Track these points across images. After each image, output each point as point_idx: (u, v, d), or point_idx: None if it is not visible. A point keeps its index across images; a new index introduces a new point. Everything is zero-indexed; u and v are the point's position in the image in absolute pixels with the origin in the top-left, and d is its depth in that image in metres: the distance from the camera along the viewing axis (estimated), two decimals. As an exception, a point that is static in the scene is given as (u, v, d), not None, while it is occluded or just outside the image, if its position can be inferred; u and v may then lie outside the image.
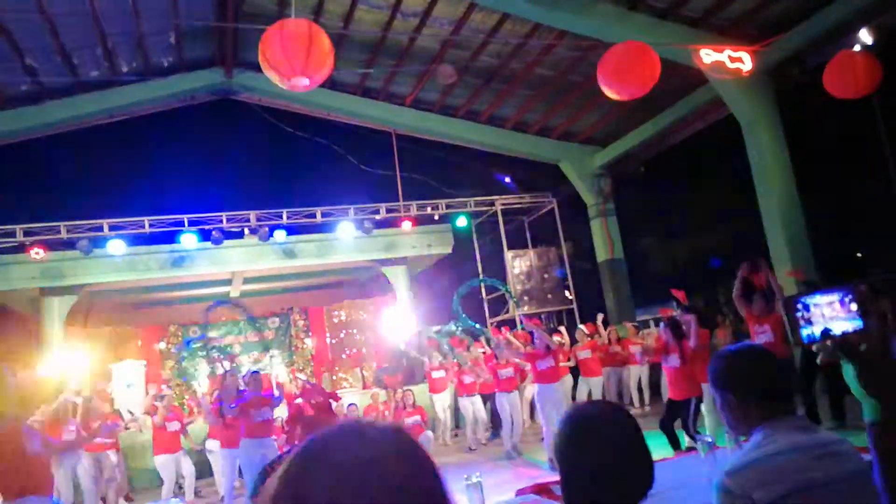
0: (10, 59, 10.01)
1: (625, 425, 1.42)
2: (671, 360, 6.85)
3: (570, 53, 11.06)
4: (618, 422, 1.43)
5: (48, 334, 12.43)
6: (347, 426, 0.78)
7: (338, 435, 0.76)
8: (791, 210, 9.91)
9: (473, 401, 9.58)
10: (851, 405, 7.09)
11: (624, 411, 1.48)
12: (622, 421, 1.43)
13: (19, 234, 11.69)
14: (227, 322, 16.06)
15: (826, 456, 1.50)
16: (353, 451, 0.73)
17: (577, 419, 1.45)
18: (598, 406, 1.52)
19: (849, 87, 7.45)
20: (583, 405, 1.54)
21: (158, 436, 8.36)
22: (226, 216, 12.77)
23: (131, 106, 12.16)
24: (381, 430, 0.77)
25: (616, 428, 1.41)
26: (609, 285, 14.33)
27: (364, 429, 0.77)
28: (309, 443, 0.76)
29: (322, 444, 0.75)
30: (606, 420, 1.43)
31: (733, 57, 9.33)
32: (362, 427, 0.77)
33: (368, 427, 0.77)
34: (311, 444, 0.76)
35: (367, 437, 0.75)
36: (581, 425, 1.44)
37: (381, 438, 0.75)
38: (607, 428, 1.41)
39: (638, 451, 1.40)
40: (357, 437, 0.75)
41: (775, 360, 1.72)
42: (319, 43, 5.39)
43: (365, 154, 14.10)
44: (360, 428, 0.77)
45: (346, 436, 0.76)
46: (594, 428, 1.42)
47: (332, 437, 0.76)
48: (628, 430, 1.42)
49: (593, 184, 14.49)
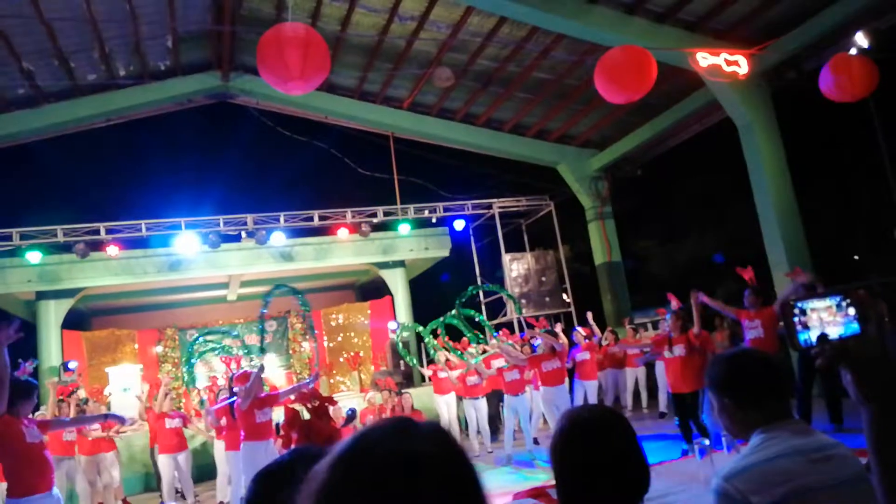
0: (8, 62, 10.01)
1: (620, 429, 1.43)
2: (676, 351, 6.87)
3: (567, 57, 11.08)
4: (613, 425, 1.43)
5: (44, 338, 12.39)
6: (393, 422, 0.78)
7: (383, 430, 0.76)
8: (788, 213, 9.93)
9: (477, 405, 9.45)
10: (849, 408, 7.10)
11: (619, 415, 1.48)
12: (617, 425, 1.43)
13: (16, 237, 11.66)
14: (225, 325, 16.03)
15: (824, 460, 1.50)
16: (400, 447, 0.73)
17: (573, 423, 1.45)
18: (594, 410, 1.53)
19: (845, 91, 7.48)
20: (578, 409, 1.54)
21: (160, 433, 8.30)
22: (223, 219, 12.76)
23: (128, 109, 12.16)
24: (426, 426, 0.77)
25: (611, 432, 1.42)
26: (607, 288, 14.34)
27: (409, 425, 0.77)
28: (355, 439, 0.76)
29: (367, 440, 0.75)
30: (602, 424, 1.43)
31: (730, 60, 9.37)
32: (408, 423, 0.77)
33: (413, 423, 0.78)
34: (357, 440, 0.76)
35: (414, 433, 0.75)
36: (577, 429, 1.44)
37: (426, 434, 0.75)
38: (602, 432, 1.41)
39: (633, 454, 1.40)
40: (403, 433, 0.75)
41: (772, 363, 1.72)
42: (316, 47, 5.40)
43: (362, 157, 14.13)
44: (406, 424, 0.77)
45: (392, 431, 0.76)
46: (590, 431, 1.42)
47: (377, 433, 0.76)
48: (623, 433, 1.42)
49: (591, 187, 14.51)
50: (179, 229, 12.42)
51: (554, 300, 14.83)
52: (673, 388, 6.98)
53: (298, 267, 13.90)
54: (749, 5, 9.43)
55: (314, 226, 13.46)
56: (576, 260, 17.26)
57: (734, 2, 9.32)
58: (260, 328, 10.05)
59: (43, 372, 11.85)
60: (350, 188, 15.22)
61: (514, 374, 8.48)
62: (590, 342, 10.18)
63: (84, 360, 13.76)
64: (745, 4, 9.40)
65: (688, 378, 6.72)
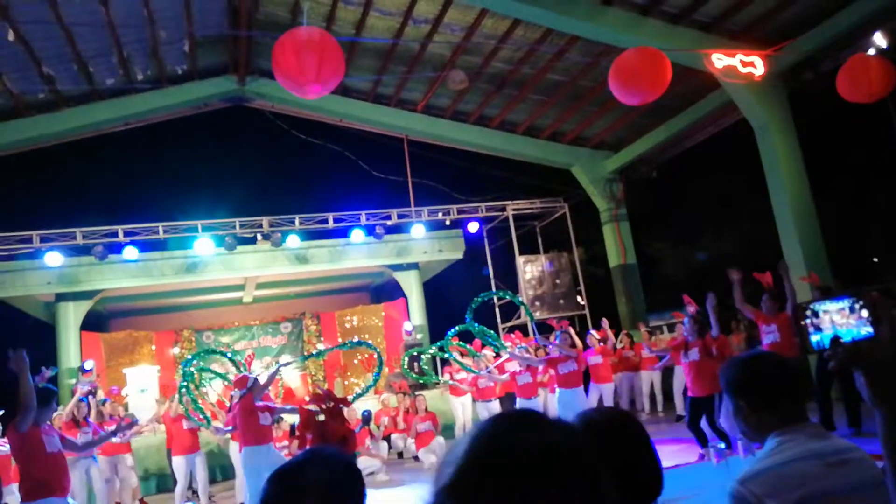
0: (29, 67, 10.17)
1: (632, 431, 1.42)
2: (691, 355, 6.84)
3: (581, 59, 11.06)
4: (625, 428, 1.42)
5: (63, 339, 12.56)
6: (523, 413, 0.79)
7: (513, 423, 0.77)
8: (805, 214, 9.83)
9: (491, 408, 9.44)
10: (867, 412, 7.01)
11: (632, 417, 1.48)
12: (630, 427, 1.43)
13: (36, 239, 11.84)
14: (241, 327, 16.17)
15: (841, 464, 1.49)
16: (537, 437, 0.74)
17: (584, 425, 1.45)
18: (606, 412, 1.52)
19: (863, 91, 7.40)
20: (590, 411, 1.53)
21: (175, 435, 8.38)
22: (239, 222, 12.86)
23: (146, 113, 12.30)
24: (551, 417, 0.79)
25: (623, 434, 1.41)
26: (621, 290, 14.26)
27: (537, 416, 0.78)
28: (484, 433, 0.76)
29: (498, 434, 0.75)
30: (614, 426, 1.43)
31: (745, 61, 9.31)
32: (535, 415, 0.78)
33: (540, 414, 0.79)
34: (486, 434, 0.76)
35: (547, 425, 0.76)
36: (588, 431, 1.43)
37: (559, 426, 0.76)
38: (614, 433, 1.41)
39: (646, 457, 1.40)
40: (537, 424, 0.76)
41: (788, 366, 1.71)
42: (331, 51, 5.44)
43: (376, 160, 14.18)
44: (534, 416, 0.78)
45: (523, 424, 0.76)
46: (601, 434, 1.42)
47: (507, 426, 0.76)
48: (636, 436, 1.41)
49: (605, 188, 14.46)
50: (196, 232, 12.54)
51: (568, 302, 14.78)
52: (691, 392, 6.93)
53: (313, 269, 13.98)
54: (765, 6, 9.35)
55: (329, 228, 13.53)
56: (590, 262, 17.18)
57: (749, 2, 9.25)
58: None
59: (62, 372, 12.02)
60: (364, 191, 15.30)
61: (527, 378, 8.48)
62: (604, 346, 10.15)
63: (102, 362, 13.93)
64: (761, 5, 9.33)
65: (703, 382, 6.68)
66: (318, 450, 1.37)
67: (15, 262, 12.19)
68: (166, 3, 9.90)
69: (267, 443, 6.55)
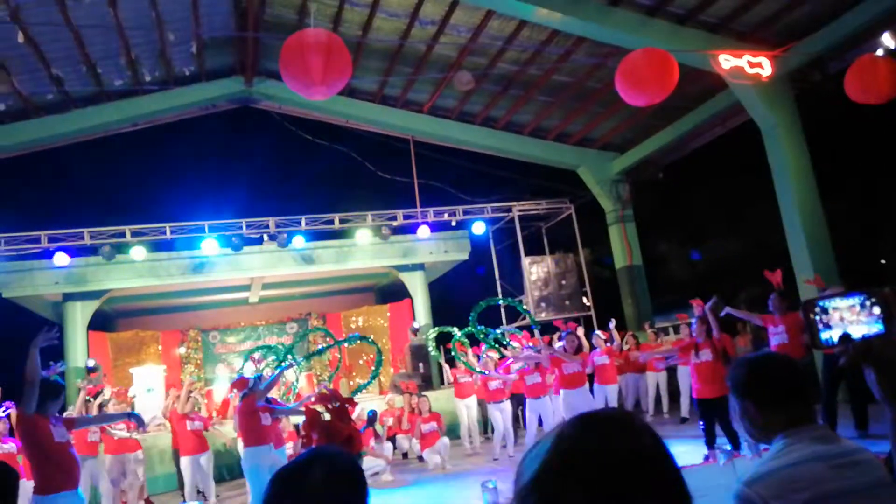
0: (38, 69, 10.23)
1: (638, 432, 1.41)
2: (703, 356, 6.83)
3: (588, 60, 11.05)
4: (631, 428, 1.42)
5: (71, 339, 12.62)
6: (610, 414, 0.81)
7: (605, 425, 0.78)
8: (813, 216, 9.78)
9: (502, 408, 9.40)
10: (875, 414, 6.97)
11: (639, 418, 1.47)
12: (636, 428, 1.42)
13: (44, 240, 11.91)
14: (247, 327, 16.22)
15: (847, 465, 1.49)
16: (624, 444, 0.75)
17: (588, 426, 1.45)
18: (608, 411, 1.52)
19: (871, 93, 7.36)
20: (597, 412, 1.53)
21: (182, 436, 8.40)
22: (245, 222, 12.90)
23: (154, 114, 12.36)
24: (637, 419, 0.81)
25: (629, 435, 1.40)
26: (627, 292, 14.23)
27: (627, 418, 0.81)
28: (572, 434, 0.77)
29: (588, 435, 0.77)
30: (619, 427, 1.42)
31: (752, 62, 9.28)
32: (625, 417, 0.81)
33: (630, 416, 0.82)
34: (576, 434, 0.77)
35: (634, 429, 0.78)
36: None
37: (642, 429, 0.79)
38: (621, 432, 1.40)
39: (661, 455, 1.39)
40: (624, 427, 0.78)
41: (795, 367, 1.70)
42: (338, 52, 5.45)
43: (383, 161, 14.20)
44: (624, 418, 0.81)
45: (614, 426, 0.78)
46: None
47: (599, 428, 0.78)
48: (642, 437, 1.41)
49: (611, 190, 14.43)
50: (203, 232, 12.59)
51: (574, 303, 14.75)
52: (699, 394, 6.92)
53: (319, 269, 14.00)
54: (772, 7, 9.32)
55: (335, 229, 13.55)
56: (596, 263, 17.15)
57: (757, 3, 9.22)
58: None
59: (69, 371, 12.07)
60: (370, 191, 15.32)
61: (536, 378, 8.45)
62: (609, 347, 10.13)
63: (109, 361, 14.00)
64: (768, 6, 9.30)
65: (715, 383, 6.66)
66: (320, 449, 1.36)
67: (23, 262, 12.26)
68: (174, 6, 9.95)
69: (268, 443, 6.57)
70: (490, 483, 3.12)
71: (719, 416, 6.68)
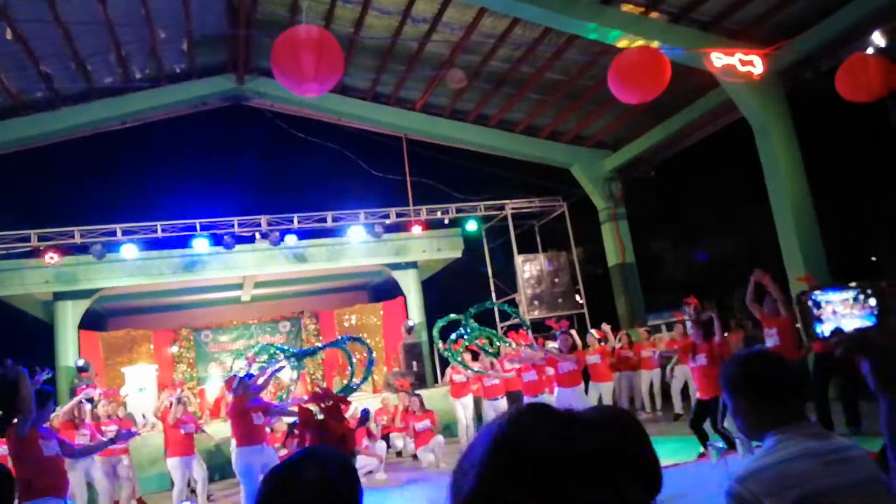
0: (27, 66, 10.14)
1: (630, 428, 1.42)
2: (699, 359, 6.89)
3: (580, 58, 11.06)
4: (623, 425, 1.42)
5: (62, 338, 12.54)
6: (535, 412, 0.81)
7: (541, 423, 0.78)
8: (804, 214, 9.83)
9: (497, 406, 9.39)
10: (866, 412, 7.01)
11: (629, 415, 1.47)
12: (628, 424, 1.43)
13: (34, 238, 11.82)
14: (239, 326, 16.16)
15: (839, 462, 1.49)
16: (558, 440, 0.75)
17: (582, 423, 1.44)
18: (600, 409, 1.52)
19: (862, 90, 7.41)
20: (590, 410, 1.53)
21: (172, 437, 8.37)
22: (237, 221, 12.85)
23: (144, 112, 12.28)
24: (567, 413, 0.81)
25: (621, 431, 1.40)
26: (620, 290, 14.26)
27: (553, 414, 0.81)
28: (512, 428, 0.76)
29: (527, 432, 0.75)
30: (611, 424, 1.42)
31: (744, 60, 9.30)
32: (550, 412, 0.81)
33: (554, 412, 0.81)
34: (514, 429, 0.76)
35: (564, 423, 0.78)
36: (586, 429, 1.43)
37: (577, 423, 0.80)
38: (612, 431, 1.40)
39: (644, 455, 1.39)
40: (554, 423, 0.79)
41: (787, 365, 1.71)
42: (330, 49, 5.43)
43: (375, 159, 14.16)
44: (550, 413, 0.81)
45: (541, 422, 0.78)
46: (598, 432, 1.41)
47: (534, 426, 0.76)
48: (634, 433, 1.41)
49: (604, 188, 14.45)
50: (194, 230, 12.53)
51: (567, 302, 14.77)
52: (699, 394, 7.00)
53: (312, 268, 13.97)
54: (764, 5, 9.35)
55: (327, 227, 13.52)
56: (589, 261, 17.17)
57: (749, 1, 9.25)
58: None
59: (60, 371, 12.01)
60: (363, 189, 15.27)
61: (532, 375, 8.45)
62: (602, 345, 10.16)
63: (100, 361, 13.92)
64: (760, 4, 9.33)
65: (711, 385, 6.73)
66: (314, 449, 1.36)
67: (13, 261, 12.17)
68: (165, 2, 9.88)
69: (260, 443, 6.55)
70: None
71: (711, 416, 6.75)
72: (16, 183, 16.54)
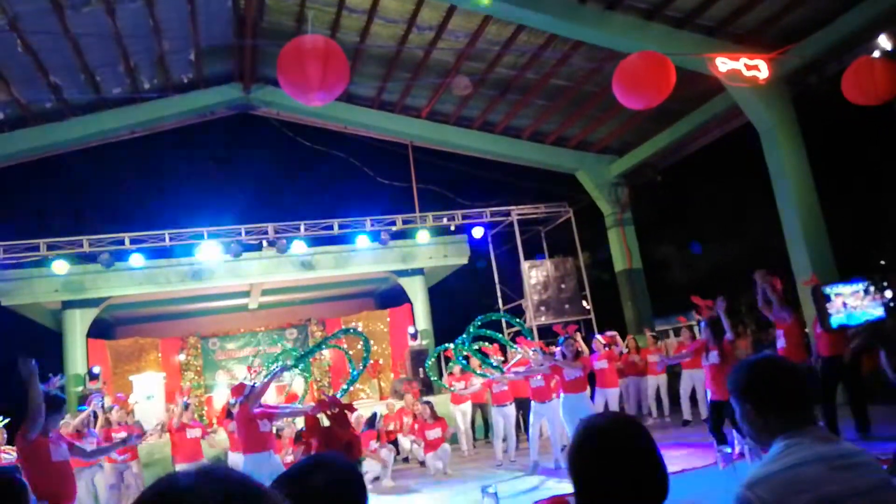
0: (36, 77, 10.24)
1: (638, 437, 1.42)
2: (711, 358, 6.87)
3: (585, 64, 11.07)
4: (631, 434, 1.43)
5: (70, 347, 12.60)
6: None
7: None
8: (811, 217, 9.79)
9: (505, 412, 9.35)
10: (875, 417, 6.96)
11: (637, 423, 1.48)
12: (636, 433, 1.43)
13: (43, 247, 11.89)
14: (246, 333, 16.20)
15: (847, 467, 1.49)
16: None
17: (591, 431, 1.45)
18: (612, 418, 1.52)
19: (868, 94, 7.39)
20: (596, 417, 1.54)
21: (179, 443, 8.38)
22: (244, 229, 12.90)
23: (152, 122, 12.37)
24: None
25: (629, 440, 1.41)
26: (627, 295, 14.23)
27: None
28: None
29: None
30: (620, 432, 1.43)
31: (749, 65, 9.30)
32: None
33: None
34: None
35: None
36: (594, 437, 1.44)
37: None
38: (620, 440, 1.41)
39: (651, 463, 1.40)
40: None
41: (795, 370, 1.70)
42: (336, 58, 5.46)
43: (381, 166, 14.21)
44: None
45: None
46: (607, 440, 1.42)
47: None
48: (642, 442, 1.41)
49: (610, 193, 14.44)
50: (202, 239, 12.58)
51: (573, 307, 14.74)
52: (712, 395, 6.96)
53: (318, 275, 14.00)
54: (769, 9, 9.35)
55: (334, 234, 13.55)
56: (595, 267, 17.14)
57: (754, 6, 9.25)
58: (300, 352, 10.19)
59: (69, 380, 12.05)
60: (369, 197, 15.33)
61: (539, 381, 8.37)
62: (609, 350, 10.10)
63: (109, 369, 13.97)
64: (765, 9, 9.33)
65: (723, 385, 6.68)
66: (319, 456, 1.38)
67: (22, 270, 12.25)
68: (172, 14, 9.97)
69: (268, 450, 6.55)
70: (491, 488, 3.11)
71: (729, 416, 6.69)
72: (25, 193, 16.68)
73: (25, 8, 8.80)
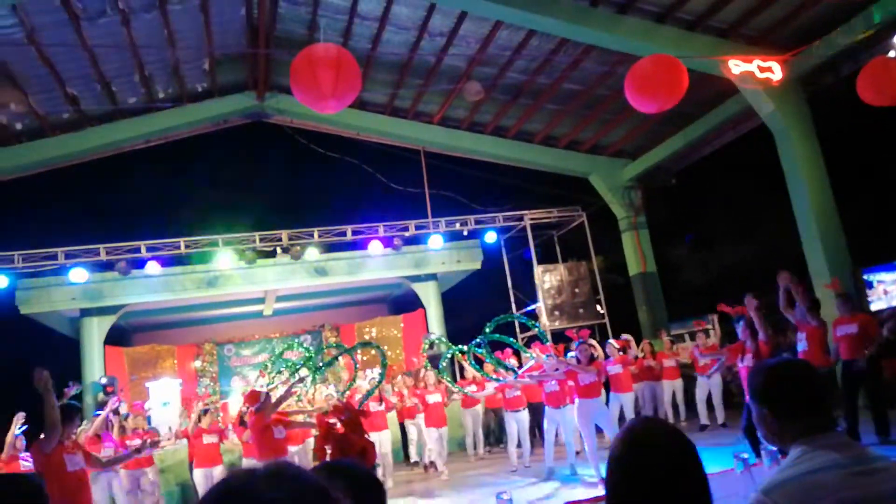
0: (54, 88, 10.40)
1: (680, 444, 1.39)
2: (746, 360, 6.77)
3: (597, 68, 11.05)
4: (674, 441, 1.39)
5: (88, 354, 12.73)
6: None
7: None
8: (827, 219, 9.69)
9: (518, 417, 9.25)
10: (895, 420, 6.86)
11: (679, 431, 1.45)
12: (678, 440, 1.40)
13: (60, 256, 12.04)
14: (261, 340, 16.27)
15: (867, 473, 1.47)
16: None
17: (633, 438, 1.43)
18: (654, 424, 1.49)
19: (884, 95, 7.29)
20: (637, 424, 1.50)
21: (197, 448, 8.42)
22: (259, 236, 12.99)
23: (167, 131, 12.51)
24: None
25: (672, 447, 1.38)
26: (642, 299, 14.14)
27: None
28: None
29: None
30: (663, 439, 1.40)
31: (763, 67, 9.24)
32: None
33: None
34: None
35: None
36: (636, 444, 1.41)
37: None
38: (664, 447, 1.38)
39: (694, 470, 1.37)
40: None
41: (814, 374, 1.69)
42: (348, 65, 5.50)
43: (394, 172, 14.25)
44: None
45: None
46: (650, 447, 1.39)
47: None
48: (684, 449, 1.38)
49: (624, 196, 14.38)
50: (217, 246, 12.68)
51: (588, 311, 14.67)
52: (748, 398, 6.86)
53: (332, 281, 14.05)
54: (782, 11, 9.29)
55: (347, 240, 13.60)
56: (609, 271, 17.04)
57: (766, 7, 9.19)
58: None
59: (86, 386, 12.18)
60: (382, 203, 15.36)
61: (554, 386, 8.30)
62: (623, 355, 10.03)
63: (125, 376, 14.09)
64: (778, 10, 9.27)
65: None
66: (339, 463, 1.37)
67: (40, 279, 12.41)
68: (186, 24, 10.09)
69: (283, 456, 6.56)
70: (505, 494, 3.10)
71: None
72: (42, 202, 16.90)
73: (43, 20, 8.95)
